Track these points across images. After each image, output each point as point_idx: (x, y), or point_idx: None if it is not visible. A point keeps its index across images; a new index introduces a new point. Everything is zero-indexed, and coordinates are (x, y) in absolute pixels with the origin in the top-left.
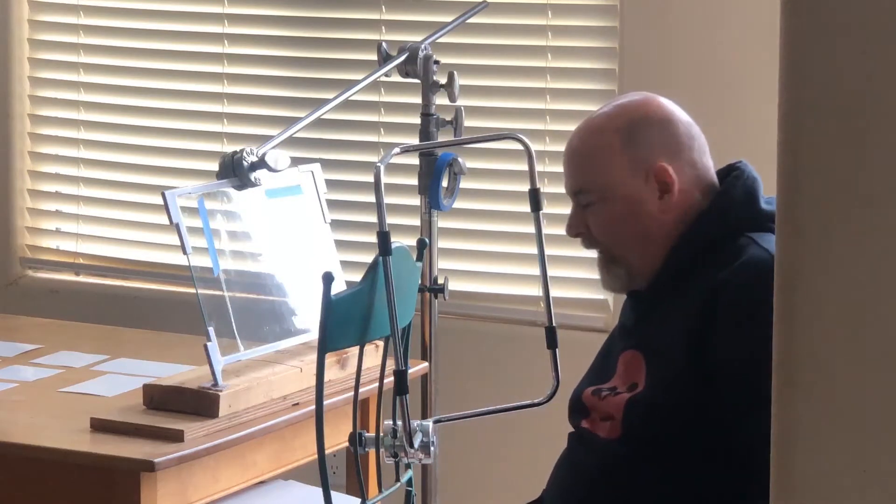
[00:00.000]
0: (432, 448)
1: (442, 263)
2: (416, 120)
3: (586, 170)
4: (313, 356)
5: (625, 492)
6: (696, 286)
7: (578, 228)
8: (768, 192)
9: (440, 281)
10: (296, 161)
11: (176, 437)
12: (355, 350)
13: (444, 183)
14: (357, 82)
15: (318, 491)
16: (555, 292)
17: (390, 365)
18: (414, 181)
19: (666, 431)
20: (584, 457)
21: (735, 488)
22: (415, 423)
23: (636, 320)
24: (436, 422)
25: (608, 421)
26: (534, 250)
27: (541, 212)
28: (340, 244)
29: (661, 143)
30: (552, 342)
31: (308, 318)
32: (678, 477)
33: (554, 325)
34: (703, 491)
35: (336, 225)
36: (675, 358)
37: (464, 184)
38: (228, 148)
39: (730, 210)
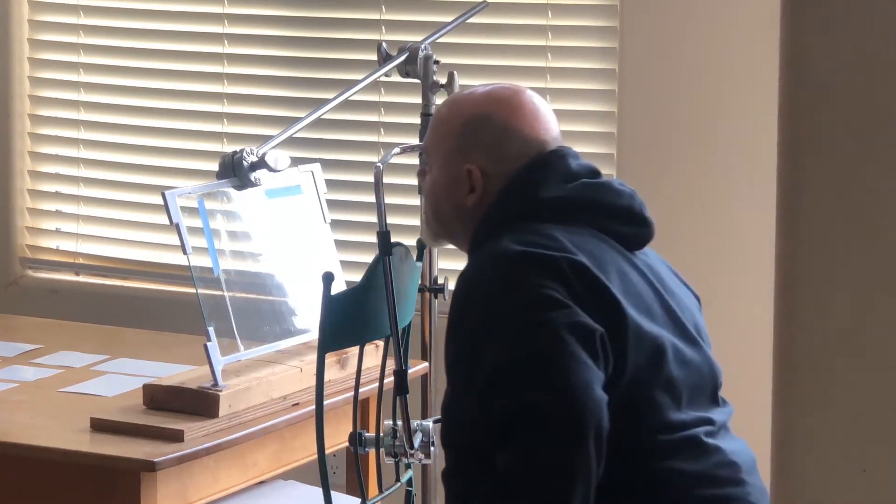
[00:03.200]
0: (432, 448)
1: (442, 263)
2: (416, 120)
3: (431, 134)
4: (313, 356)
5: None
6: None
7: (420, 181)
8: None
9: (440, 281)
10: (296, 161)
11: (176, 437)
12: (355, 350)
13: None
14: (357, 82)
15: (318, 491)
16: None
17: (390, 365)
18: (414, 181)
19: None
20: None
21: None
22: (415, 423)
23: None
24: (436, 422)
25: None
26: None
27: None
28: (340, 244)
29: (488, 146)
30: None
31: (308, 318)
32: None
33: None
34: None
35: (336, 225)
36: None
37: None
38: (228, 148)
39: (494, 209)
